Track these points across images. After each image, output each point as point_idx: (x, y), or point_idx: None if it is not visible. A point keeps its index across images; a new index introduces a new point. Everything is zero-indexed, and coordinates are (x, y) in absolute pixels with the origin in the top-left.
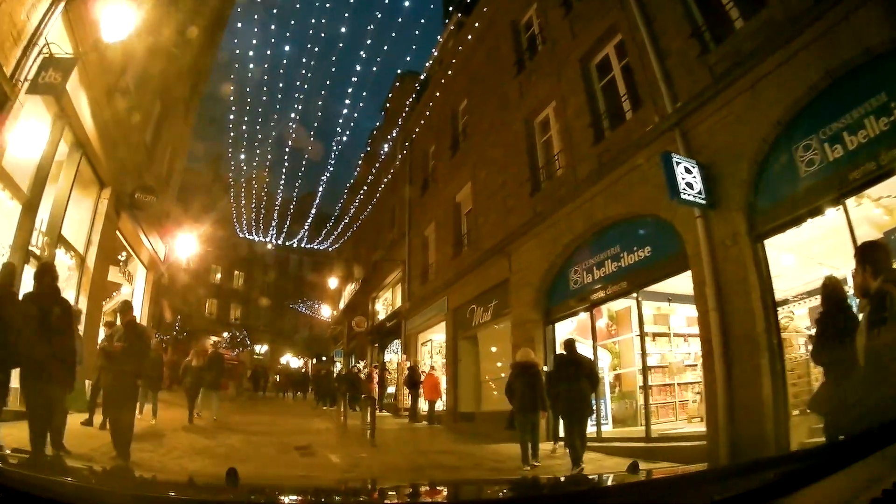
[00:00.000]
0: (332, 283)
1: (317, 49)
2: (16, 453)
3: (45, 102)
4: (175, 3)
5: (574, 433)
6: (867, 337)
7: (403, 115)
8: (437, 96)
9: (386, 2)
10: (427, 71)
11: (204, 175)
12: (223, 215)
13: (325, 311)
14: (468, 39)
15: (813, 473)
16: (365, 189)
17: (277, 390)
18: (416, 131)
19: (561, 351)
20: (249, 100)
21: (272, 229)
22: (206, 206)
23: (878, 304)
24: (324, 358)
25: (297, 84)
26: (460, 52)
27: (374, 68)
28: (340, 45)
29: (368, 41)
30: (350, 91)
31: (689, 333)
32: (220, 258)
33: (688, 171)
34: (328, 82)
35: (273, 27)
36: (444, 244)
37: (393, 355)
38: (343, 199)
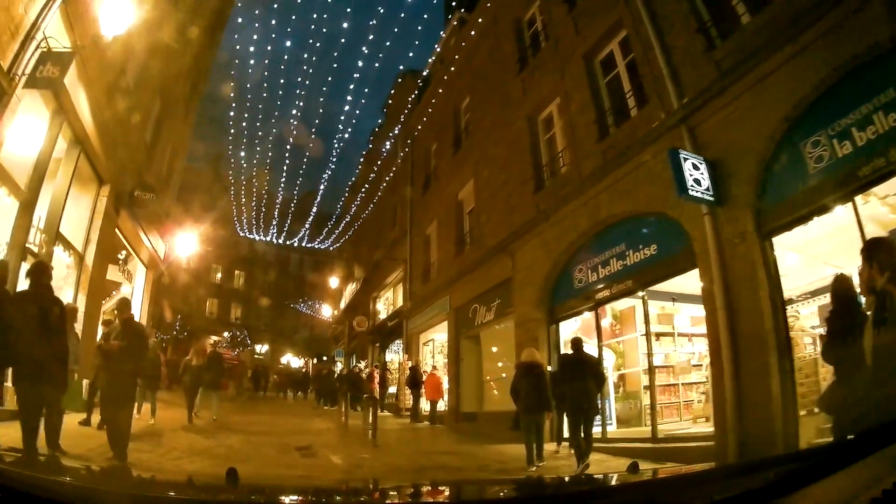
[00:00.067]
0: (333, 282)
1: (318, 44)
2: (9, 452)
3: (43, 98)
4: (175, 2)
5: (579, 433)
6: (872, 335)
7: (405, 112)
8: (438, 94)
9: None
10: (429, 68)
11: (204, 174)
12: (223, 214)
13: (326, 311)
14: (471, 36)
15: (813, 473)
16: (366, 188)
17: (278, 390)
18: (418, 129)
19: (568, 350)
20: (250, 95)
21: (273, 228)
22: (207, 206)
23: (880, 303)
24: (324, 358)
25: (299, 80)
26: (462, 50)
27: (376, 64)
28: (342, 41)
29: (371, 36)
30: (352, 87)
31: (693, 333)
32: (221, 257)
33: (695, 167)
34: (330, 78)
35: (273, 22)
36: (446, 243)
37: (394, 355)
38: (344, 197)
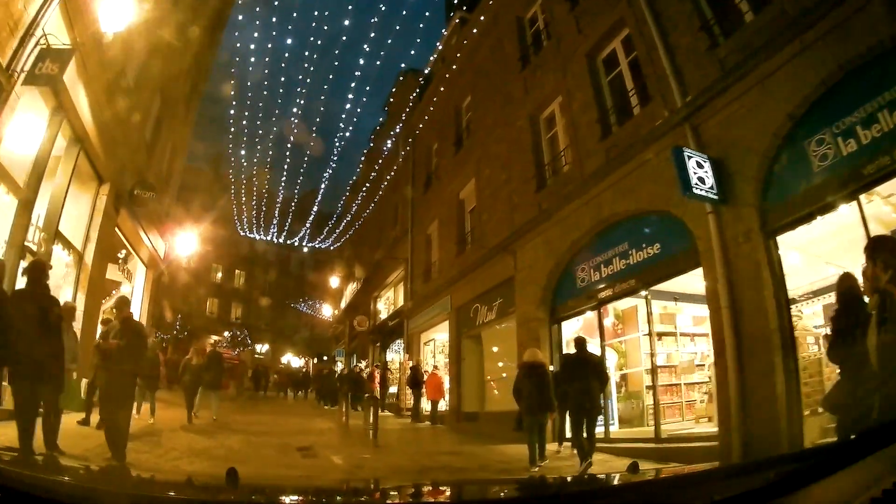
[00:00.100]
0: (334, 282)
1: (319, 41)
2: (6, 451)
3: (42, 96)
4: (175, 1)
5: (582, 433)
6: (875, 335)
7: (406, 111)
8: (440, 92)
9: None
10: (430, 66)
11: (204, 174)
12: (224, 214)
13: (327, 311)
14: (472, 35)
15: (813, 473)
16: (367, 187)
17: (278, 390)
18: (420, 128)
19: (571, 349)
20: (250, 93)
21: (273, 228)
22: (207, 205)
23: (883, 303)
24: (325, 357)
25: (300, 78)
26: (464, 48)
27: (377, 62)
28: (343, 38)
29: (372, 34)
30: (353, 84)
31: (695, 333)
32: (221, 257)
33: (699, 165)
34: (331, 76)
35: (274, 19)
36: (447, 242)
37: (395, 355)
38: (345, 197)
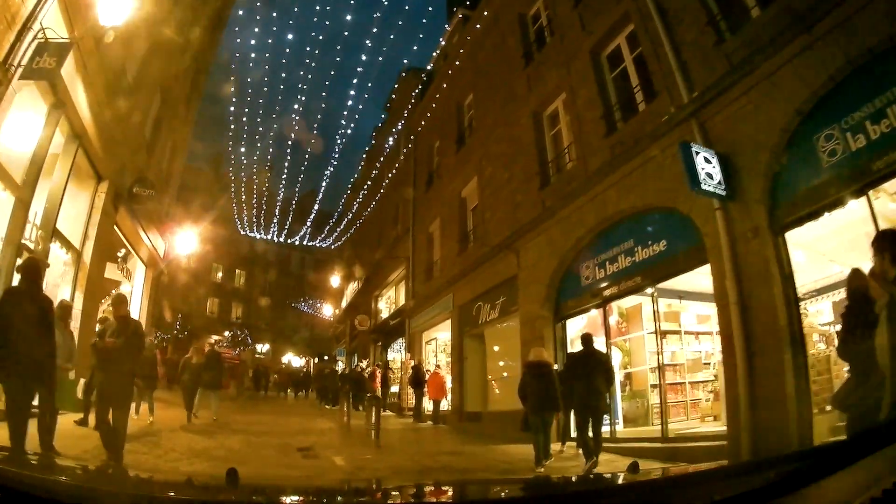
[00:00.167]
0: (335, 281)
1: (320, 37)
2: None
3: (40, 91)
4: (176, 0)
5: (587, 432)
6: (886, 332)
7: (408, 109)
8: (442, 90)
9: None
10: (432, 63)
11: (204, 173)
12: (224, 213)
13: (327, 310)
14: (474, 32)
15: (813, 473)
16: (368, 186)
17: (279, 390)
18: (421, 126)
19: (576, 347)
20: (250, 91)
21: (273, 227)
22: (207, 205)
23: (892, 302)
24: (326, 357)
25: (300, 75)
26: (466, 46)
27: (380, 58)
28: (345, 36)
29: (374, 30)
30: (354, 82)
31: (700, 331)
32: (221, 256)
33: (707, 161)
34: (332, 72)
35: (274, 14)
36: (449, 240)
37: (396, 354)
38: (345, 196)
